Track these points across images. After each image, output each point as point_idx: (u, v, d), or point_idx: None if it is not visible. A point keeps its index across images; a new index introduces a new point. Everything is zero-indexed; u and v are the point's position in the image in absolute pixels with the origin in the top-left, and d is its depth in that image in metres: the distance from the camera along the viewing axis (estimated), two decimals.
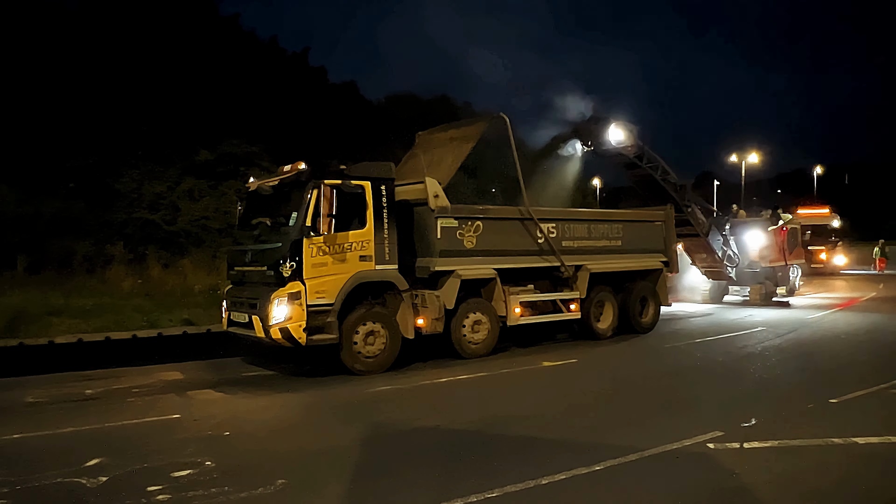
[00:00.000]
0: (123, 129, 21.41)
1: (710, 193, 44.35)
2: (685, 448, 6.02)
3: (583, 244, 12.50)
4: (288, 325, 9.00)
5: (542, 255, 11.79)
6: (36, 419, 7.53)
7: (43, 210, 18.82)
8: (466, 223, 10.76)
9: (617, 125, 14.35)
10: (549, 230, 11.86)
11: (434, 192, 10.43)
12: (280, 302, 9.01)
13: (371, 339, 9.73)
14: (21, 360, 10.89)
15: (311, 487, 5.27)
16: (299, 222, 9.24)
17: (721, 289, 19.18)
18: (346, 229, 9.55)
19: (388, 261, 9.89)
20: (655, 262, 13.92)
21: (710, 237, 16.92)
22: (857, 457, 5.91)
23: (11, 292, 14.82)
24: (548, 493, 5.03)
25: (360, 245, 9.64)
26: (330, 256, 9.36)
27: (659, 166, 15.32)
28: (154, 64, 22.76)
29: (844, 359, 10.77)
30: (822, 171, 58.58)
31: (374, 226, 9.76)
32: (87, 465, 5.76)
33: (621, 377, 9.77)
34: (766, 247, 18.65)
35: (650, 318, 13.80)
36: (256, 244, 10.02)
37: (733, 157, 44.53)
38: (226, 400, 8.52)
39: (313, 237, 9.21)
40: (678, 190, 15.63)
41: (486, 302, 11.13)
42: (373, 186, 9.80)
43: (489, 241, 11.00)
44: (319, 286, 9.22)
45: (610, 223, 13.32)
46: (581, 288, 12.23)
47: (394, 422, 7.25)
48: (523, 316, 11.47)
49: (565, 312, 12.08)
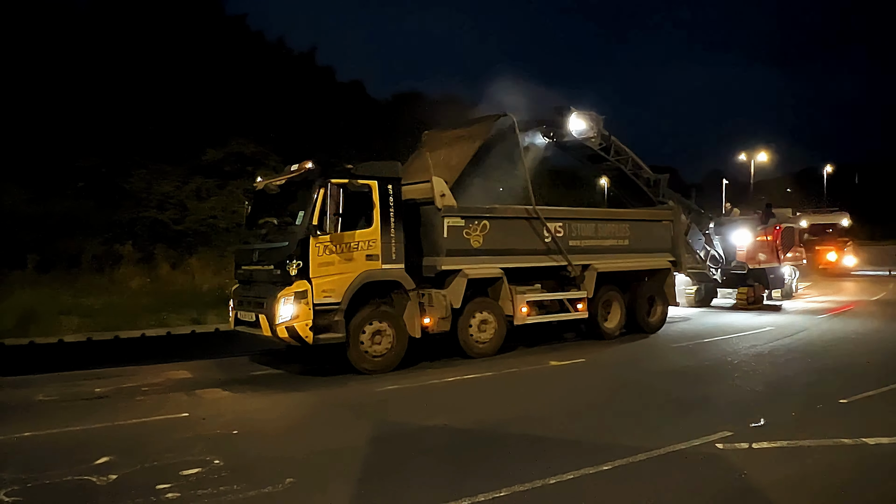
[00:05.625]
0: (132, 128, 21.53)
1: (719, 192, 44.13)
2: (694, 448, 6.00)
3: (590, 243, 12.44)
4: (294, 324, 9.02)
5: (549, 255, 11.76)
6: (46, 417, 7.58)
7: (53, 209, 18.93)
8: (473, 222, 10.72)
9: (578, 115, 13.68)
10: (556, 229, 11.83)
11: (440, 191, 10.41)
12: (287, 301, 9.03)
13: (378, 339, 9.75)
14: (31, 359, 10.98)
15: (320, 486, 5.28)
16: (306, 221, 9.25)
17: (708, 291, 18.27)
18: (353, 228, 9.56)
19: (395, 260, 9.88)
20: (663, 261, 13.86)
21: (691, 236, 16.06)
22: (866, 457, 5.88)
23: (22, 291, 14.92)
24: (556, 492, 5.02)
25: (367, 244, 9.65)
26: (336, 255, 9.37)
27: (629, 159, 14.72)
28: (162, 64, 22.89)
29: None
30: (833, 170, 58.17)
31: (381, 225, 9.76)
32: (97, 463, 5.80)
33: (629, 377, 9.75)
34: (755, 247, 17.71)
35: (658, 317, 13.75)
36: (263, 243, 10.04)
37: (742, 156, 44.27)
38: (234, 399, 8.55)
39: (320, 236, 9.22)
40: (651, 185, 15.05)
41: (492, 301, 11.11)
42: (379, 186, 9.81)
43: (496, 241, 10.97)
44: (326, 285, 9.23)
45: (617, 222, 13.26)
46: (588, 287, 12.19)
47: (402, 421, 7.26)
48: (530, 315, 11.44)
49: (572, 312, 12.04)
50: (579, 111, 13.69)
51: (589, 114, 13.82)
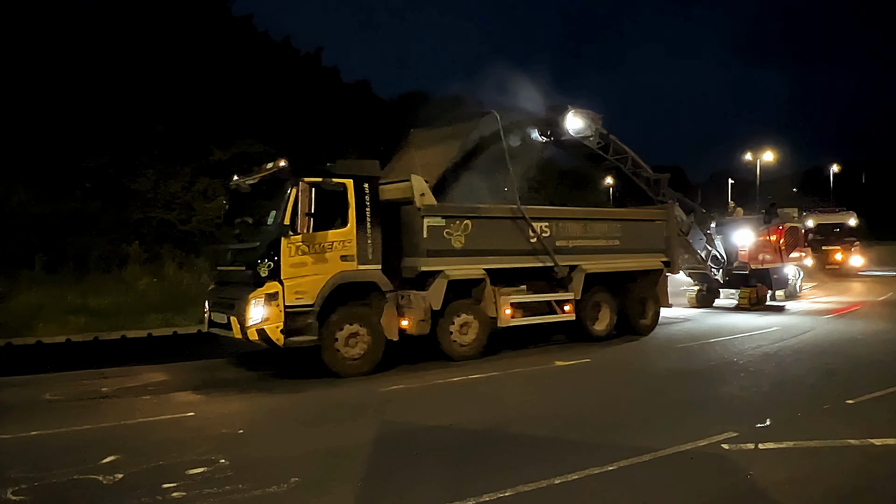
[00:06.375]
0: (139, 129, 21.59)
1: (724, 192, 43.99)
2: (699, 448, 5.99)
3: (578, 243, 12.16)
4: (265, 327, 8.83)
5: (535, 255, 11.48)
6: (53, 416, 7.62)
7: (60, 209, 19.00)
8: (455, 222, 10.47)
9: (575, 113, 13.29)
10: (543, 229, 11.55)
11: (420, 190, 10.15)
12: (257, 303, 8.83)
13: (353, 342, 9.52)
14: (39, 358, 11.03)
15: (325, 486, 5.29)
16: (277, 221, 9.07)
17: (710, 292, 18.01)
18: (328, 228, 9.33)
19: (372, 261, 9.67)
20: (656, 261, 13.53)
21: (691, 236, 15.82)
22: (873, 458, 5.85)
23: (29, 291, 15.01)
24: (561, 492, 5.02)
25: (342, 244, 9.42)
26: (309, 256, 9.15)
27: (628, 158, 14.41)
28: (169, 65, 22.94)
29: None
30: (839, 169, 57.90)
31: (357, 225, 9.54)
32: (104, 462, 5.82)
33: (634, 377, 9.74)
34: (758, 247, 17.54)
35: (650, 319, 13.47)
36: (237, 243, 9.86)
37: (748, 155, 44.11)
38: (239, 398, 8.57)
39: (292, 236, 9.00)
40: (651, 184, 14.74)
41: (475, 303, 10.83)
42: (355, 184, 9.58)
43: (479, 241, 10.71)
44: (298, 286, 9.02)
45: (608, 222, 12.97)
46: (576, 288, 11.93)
47: (406, 420, 7.27)
48: (514, 317, 11.19)
49: (559, 314, 11.75)
50: (577, 109, 13.40)
51: (587, 112, 13.54)
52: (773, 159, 43.54)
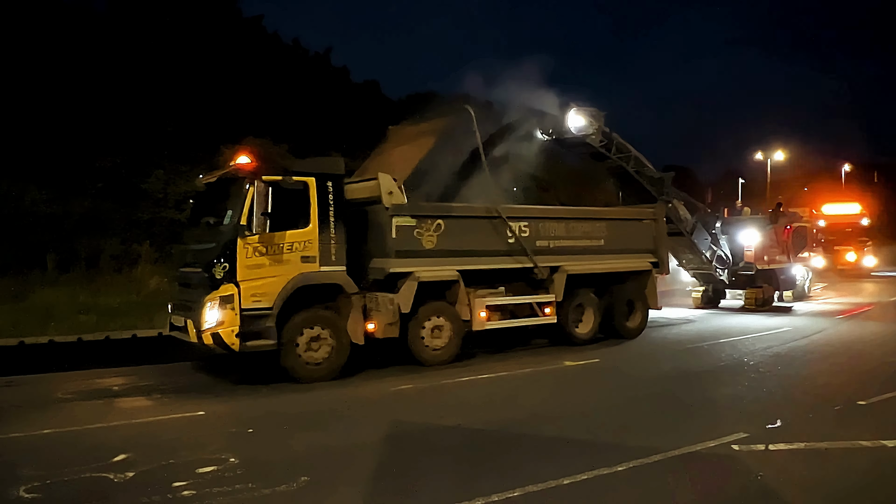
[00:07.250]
0: (150, 129, 21.72)
1: (735, 191, 43.70)
2: (709, 449, 5.96)
3: (560, 244, 11.74)
4: (219, 331, 8.54)
5: (513, 256, 11.08)
6: (65, 415, 7.69)
7: (71, 209, 19.14)
8: (426, 222, 10.11)
9: (577, 111, 13.01)
10: (522, 229, 11.15)
11: (388, 188, 9.80)
12: (212, 306, 8.54)
13: (315, 345, 9.17)
14: (51, 357, 11.09)
15: (334, 485, 5.31)
16: (234, 221, 8.78)
17: (716, 292, 17.71)
18: (289, 228, 9.01)
19: (335, 262, 9.31)
20: (643, 262, 13.03)
21: (696, 236, 15.58)
22: (885, 459, 5.82)
23: (41, 290, 15.13)
24: (569, 493, 5.02)
25: (303, 245, 9.07)
26: (267, 257, 8.81)
27: (631, 157, 14.14)
28: (179, 65, 23.07)
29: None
30: (851, 168, 57.40)
31: (319, 224, 9.19)
32: (115, 460, 5.86)
33: (644, 377, 9.69)
34: (764, 247, 17.17)
35: (638, 322, 12.98)
36: (196, 244, 9.63)
37: (758, 154, 43.81)
38: (249, 397, 8.60)
39: (248, 237, 8.67)
40: (655, 183, 14.42)
41: (447, 305, 10.42)
42: (318, 183, 9.23)
43: (452, 241, 10.34)
44: (256, 289, 8.70)
45: (592, 221, 12.46)
46: (557, 290, 11.48)
47: (415, 420, 7.28)
48: (490, 320, 10.79)
49: (540, 316, 11.32)
50: (579, 107, 13.15)
51: (589, 110, 13.28)
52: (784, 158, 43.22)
